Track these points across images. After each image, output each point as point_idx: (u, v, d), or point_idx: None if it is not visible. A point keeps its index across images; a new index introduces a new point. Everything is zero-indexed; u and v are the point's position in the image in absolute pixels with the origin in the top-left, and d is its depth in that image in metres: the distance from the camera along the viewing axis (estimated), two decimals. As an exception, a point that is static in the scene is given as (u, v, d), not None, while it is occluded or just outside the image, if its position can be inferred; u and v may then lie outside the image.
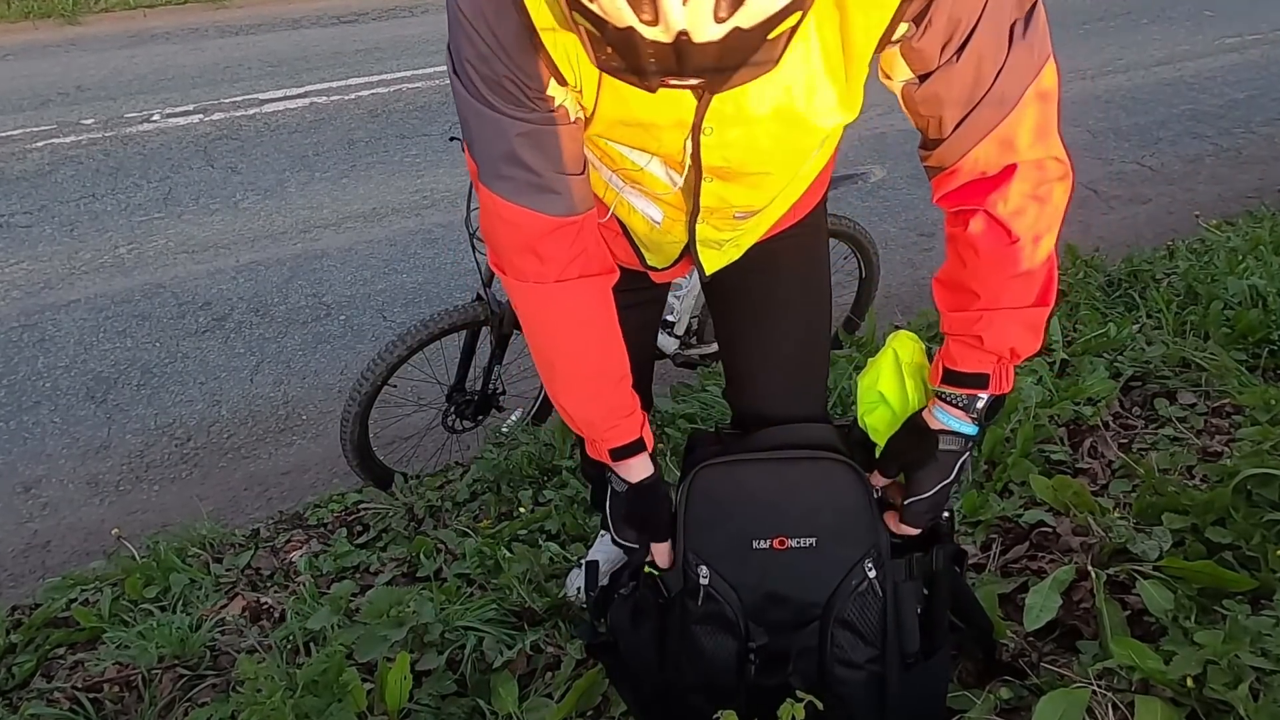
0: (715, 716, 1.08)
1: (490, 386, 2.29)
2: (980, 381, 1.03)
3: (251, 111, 4.72)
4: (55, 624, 1.81)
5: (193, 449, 2.58)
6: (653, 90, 0.74)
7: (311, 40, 5.95)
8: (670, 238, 1.14)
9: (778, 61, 0.73)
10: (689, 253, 1.16)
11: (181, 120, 4.63)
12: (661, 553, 1.15)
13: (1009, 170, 0.92)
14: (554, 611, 1.62)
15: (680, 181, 1.02)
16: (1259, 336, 2.14)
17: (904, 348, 1.13)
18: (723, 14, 0.64)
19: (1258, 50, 5.67)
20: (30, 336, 3.01)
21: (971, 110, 0.88)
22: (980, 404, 1.05)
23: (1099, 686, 1.20)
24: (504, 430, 2.39)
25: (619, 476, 1.13)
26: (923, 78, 0.87)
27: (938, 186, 0.97)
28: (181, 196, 3.90)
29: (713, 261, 1.19)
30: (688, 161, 0.97)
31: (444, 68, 0.94)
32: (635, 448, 1.11)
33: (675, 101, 0.88)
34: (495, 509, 2.07)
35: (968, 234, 0.96)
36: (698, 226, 1.10)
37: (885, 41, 0.84)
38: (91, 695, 1.56)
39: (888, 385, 1.12)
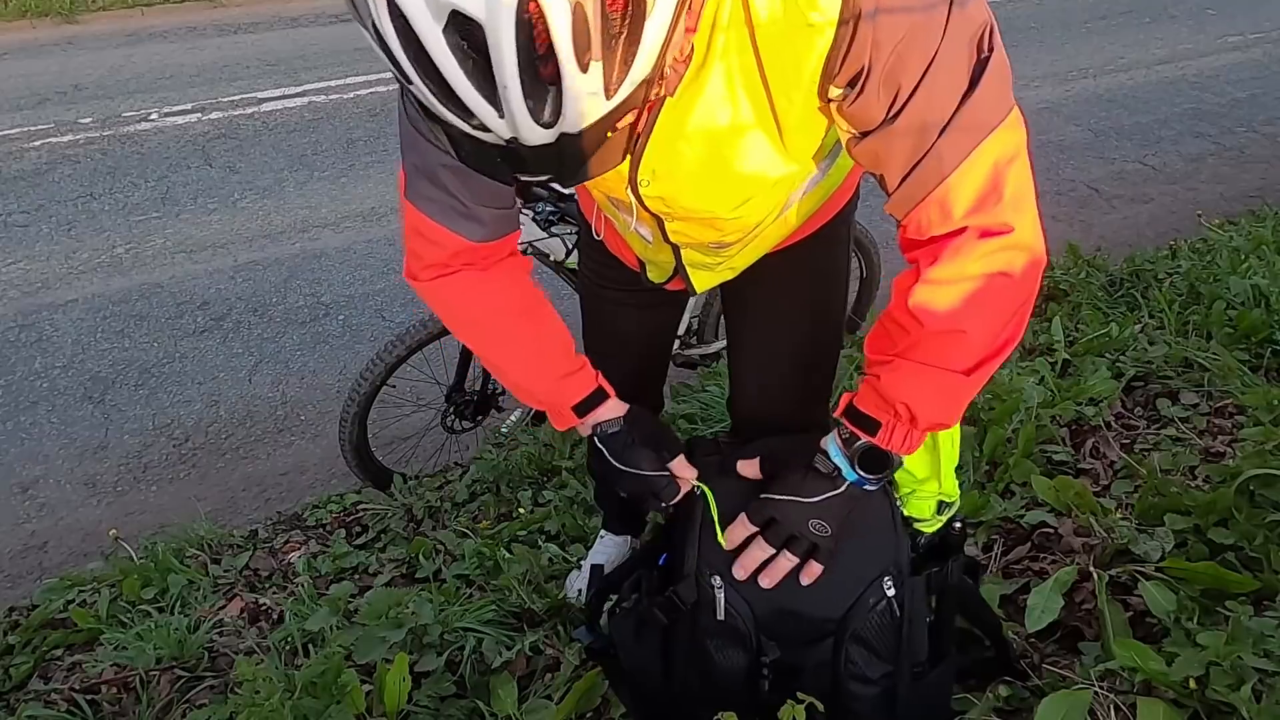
0: (716, 717, 1.08)
1: (489, 387, 2.29)
2: (868, 426, 0.97)
3: (249, 110, 4.71)
4: (53, 625, 1.80)
5: (191, 449, 2.57)
6: (509, 185, 0.79)
7: (310, 39, 5.94)
8: (662, 256, 1.14)
9: (624, 157, 0.75)
10: (680, 272, 1.15)
11: (179, 119, 4.62)
12: (683, 467, 1.11)
13: (953, 234, 0.86)
14: (553, 613, 1.61)
15: (648, 225, 1.03)
16: (1262, 336, 2.13)
17: None
18: (546, 119, 0.65)
19: (1260, 49, 5.66)
20: (28, 336, 3.00)
21: (911, 170, 0.84)
22: (858, 445, 0.98)
23: (1101, 688, 1.19)
24: (503, 431, 2.39)
25: (600, 427, 1.12)
26: (863, 134, 0.85)
27: (901, 234, 0.93)
28: (179, 196, 3.89)
29: (704, 281, 1.18)
30: (635, 208, 0.98)
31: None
32: (598, 396, 1.11)
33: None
34: (494, 510, 2.06)
35: (907, 296, 0.90)
36: (683, 252, 1.10)
37: (822, 99, 0.83)
38: (89, 697, 1.55)
39: None
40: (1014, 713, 1.25)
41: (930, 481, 1.11)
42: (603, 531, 1.74)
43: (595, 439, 1.13)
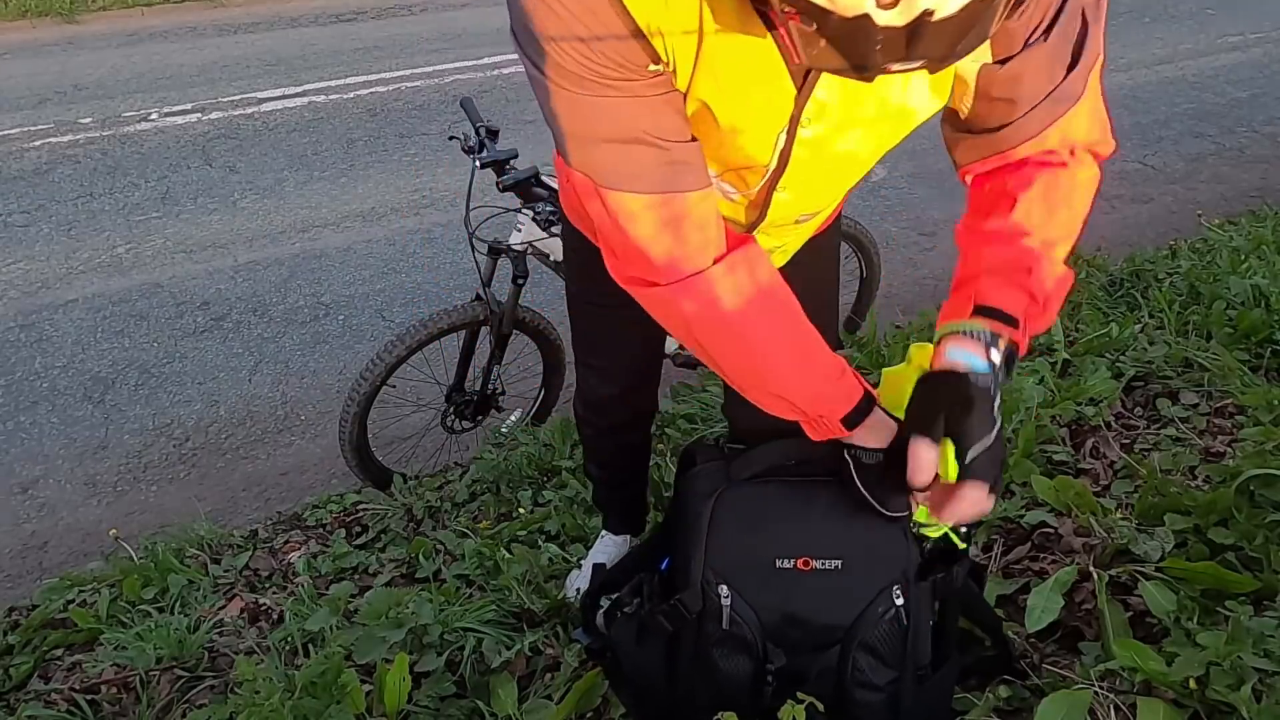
0: (716, 717, 1.08)
1: (489, 387, 2.28)
2: (1009, 320, 0.90)
3: (250, 110, 4.71)
4: (53, 625, 1.80)
5: (191, 449, 2.57)
6: (869, 81, 0.68)
7: (310, 39, 5.94)
8: None
9: (990, 33, 0.68)
10: None
11: (179, 119, 4.62)
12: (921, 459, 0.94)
13: (1059, 162, 0.92)
14: (553, 613, 1.61)
15: (751, 194, 0.98)
16: (1262, 336, 2.13)
17: (927, 361, 1.03)
18: None
19: (1260, 49, 5.66)
20: (28, 336, 3.00)
21: (1051, 93, 0.86)
22: (1002, 343, 0.89)
23: (1101, 688, 1.19)
24: (503, 431, 2.39)
25: (864, 448, 0.99)
26: (1002, 61, 0.84)
27: (979, 168, 0.95)
28: (179, 196, 3.89)
29: None
30: (773, 164, 0.91)
31: (440, 67, 0.94)
32: (868, 403, 0.97)
33: (769, 103, 0.84)
34: (494, 510, 2.06)
35: (1027, 168, 0.92)
36: (756, 235, 1.05)
37: None
38: (89, 697, 1.55)
39: None
40: (1014, 713, 1.25)
41: None
42: (603, 531, 1.74)
43: (845, 454, 1.03)
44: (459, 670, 1.47)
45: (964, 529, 1.12)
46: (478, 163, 1.92)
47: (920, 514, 1.08)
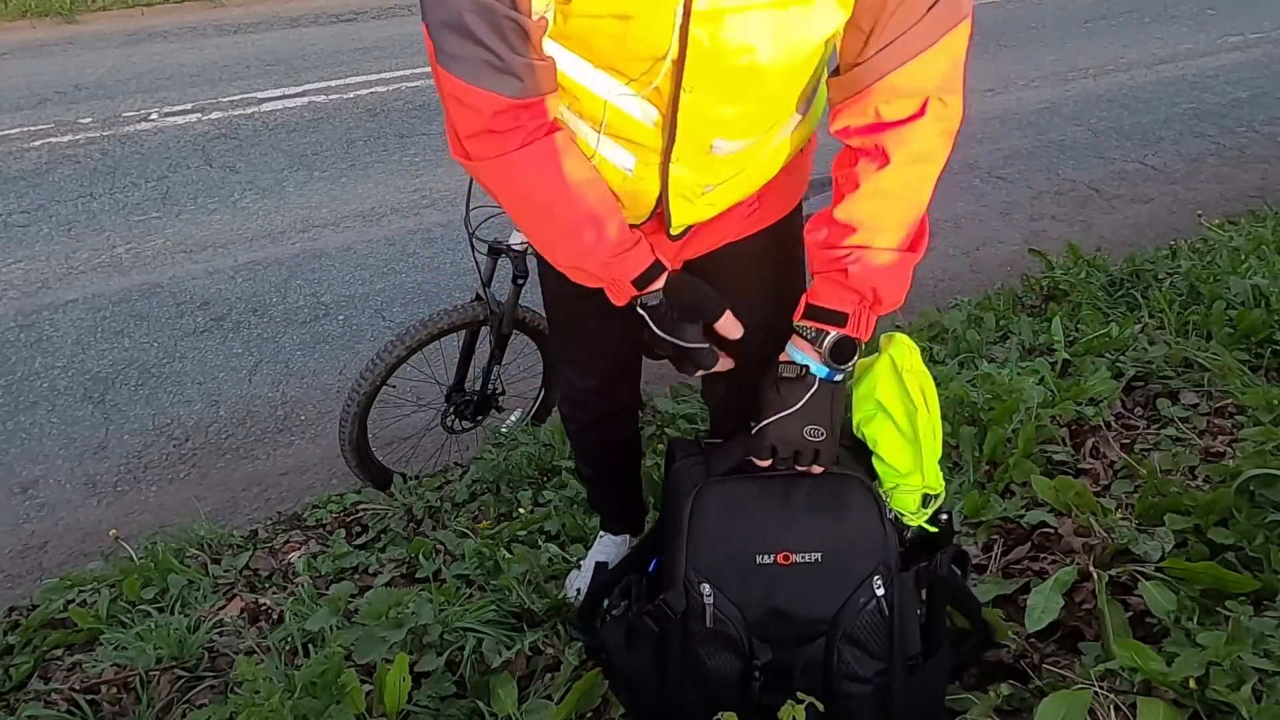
0: (715, 717, 1.08)
1: (489, 387, 2.28)
2: (836, 319, 1.04)
3: (250, 110, 4.71)
4: (53, 625, 1.80)
5: (191, 449, 2.57)
6: None
7: (310, 39, 5.94)
8: (643, 185, 1.10)
9: None
10: (661, 205, 1.12)
11: (179, 119, 4.62)
12: (730, 326, 1.13)
13: (922, 107, 0.97)
14: (553, 613, 1.61)
15: (655, 116, 1.00)
16: (1262, 336, 2.13)
17: (900, 353, 1.11)
18: None
19: (1260, 49, 5.66)
20: (28, 336, 3.00)
21: (905, 32, 0.92)
22: (827, 340, 1.05)
23: (1101, 688, 1.19)
24: (503, 430, 2.39)
25: (649, 296, 1.10)
26: None
27: (843, 114, 1.01)
28: (179, 196, 3.89)
29: (683, 214, 1.15)
30: (673, 50, 0.93)
31: (442, 67, 0.93)
32: (657, 269, 1.08)
33: None
34: (494, 510, 2.06)
35: (866, 160, 1.00)
36: (671, 168, 1.06)
37: None
38: (89, 697, 1.55)
39: (886, 393, 1.10)
40: (1014, 713, 1.25)
41: (914, 475, 1.12)
42: (602, 532, 1.74)
43: (638, 309, 1.11)
44: (459, 670, 1.47)
45: (944, 515, 1.17)
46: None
47: (898, 503, 1.13)
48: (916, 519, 1.14)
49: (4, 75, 5.32)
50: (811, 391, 1.06)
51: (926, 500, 1.15)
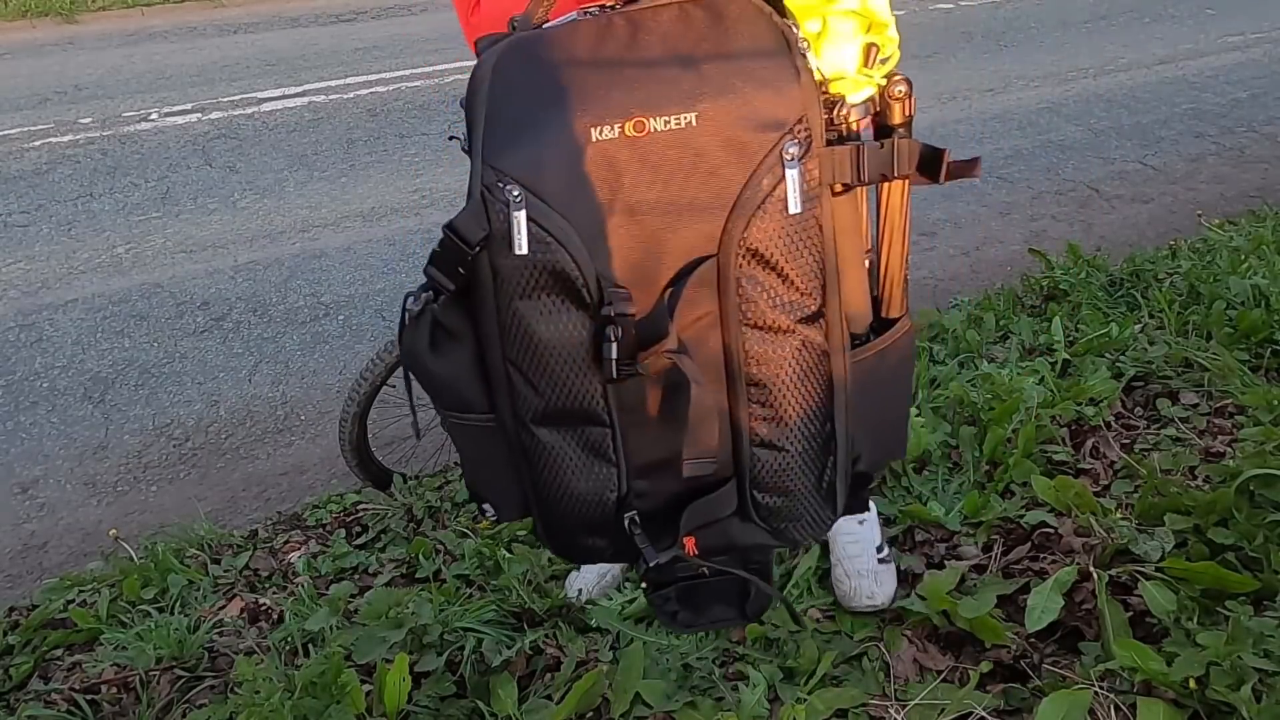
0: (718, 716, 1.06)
1: (489, 386, 2.28)
2: None
3: (250, 110, 4.71)
4: (52, 625, 1.80)
5: (191, 449, 2.57)
6: None
7: (310, 39, 5.93)
8: None
9: None
10: None
11: (179, 119, 4.62)
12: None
13: None
14: (554, 613, 1.61)
15: None
16: (1262, 336, 2.13)
17: None
18: None
19: (1260, 49, 5.66)
20: (27, 336, 3.00)
21: None
22: None
23: (1101, 688, 1.19)
24: (503, 430, 2.38)
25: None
26: None
27: None
28: (179, 196, 3.89)
29: None
30: None
31: (440, 67, 0.94)
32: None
33: None
34: (494, 509, 2.06)
35: None
36: None
37: None
38: (89, 697, 1.55)
39: None
40: (1014, 713, 1.25)
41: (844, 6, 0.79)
42: None
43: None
44: (459, 670, 1.47)
45: (899, 86, 0.80)
46: (477, 162, 1.91)
47: (825, 56, 0.79)
48: (854, 84, 0.79)
49: (4, 75, 5.32)
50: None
51: (873, 56, 0.81)
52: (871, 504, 1.56)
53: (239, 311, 3.13)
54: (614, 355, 0.73)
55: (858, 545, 1.51)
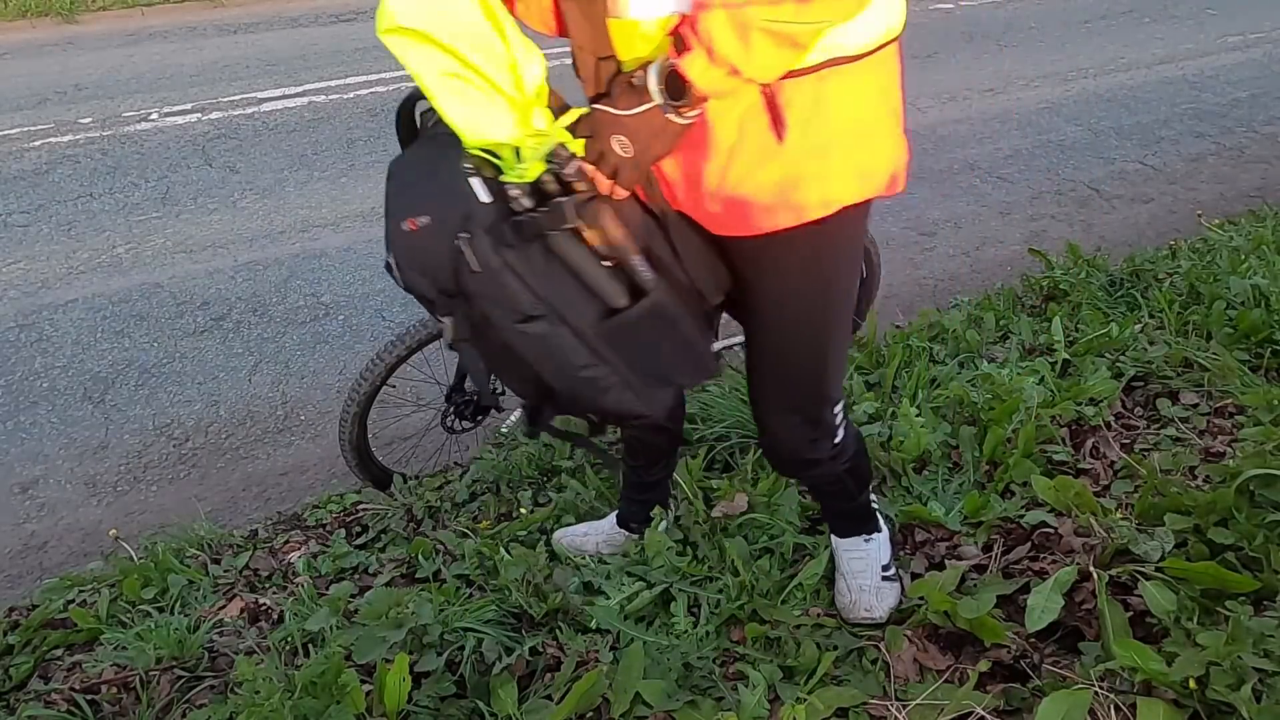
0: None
1: (490, 386, 2.28)
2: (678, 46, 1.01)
3: (250, 110, 4.71)
4: (53, 625, 1.80)
5: (191, 449, 2.57)
6: None
7: (310, 39, 5.94)
8: None
9: None
10: None
11: (179, 119, 4.62)
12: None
13: None
14: (553, 613, 1.61)
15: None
16: (1262, 336, 2.13)
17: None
18: None
19: (1260, 49, 5.66)
20: (28, 336, 3.00)
21: None
22: (665, 63, 1.01)
23: (1101, 688, 1.19)
24: (503, 431, 2.39)
25: None
26: None
27: None
28: (179, 196, 3.89)
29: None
30: None
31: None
32: None
33: None
34: (494, 510, 2.06)
35: None
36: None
37: None
38: (89, 697, 1.55)
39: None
40: (1014, 712, 1.25)
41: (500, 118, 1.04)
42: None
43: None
44: (459, 670, 1.47)
45: (567, 165, 1.07)
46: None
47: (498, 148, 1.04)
48: (522, 172, 1.06)
49: (4, 75, 5.32)
50: (644, 108, 1.02)
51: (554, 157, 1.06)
52: (883, 525, 1.57)
53: (239, 311, 3.13)
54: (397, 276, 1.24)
55: (863, 562, 1.52)
